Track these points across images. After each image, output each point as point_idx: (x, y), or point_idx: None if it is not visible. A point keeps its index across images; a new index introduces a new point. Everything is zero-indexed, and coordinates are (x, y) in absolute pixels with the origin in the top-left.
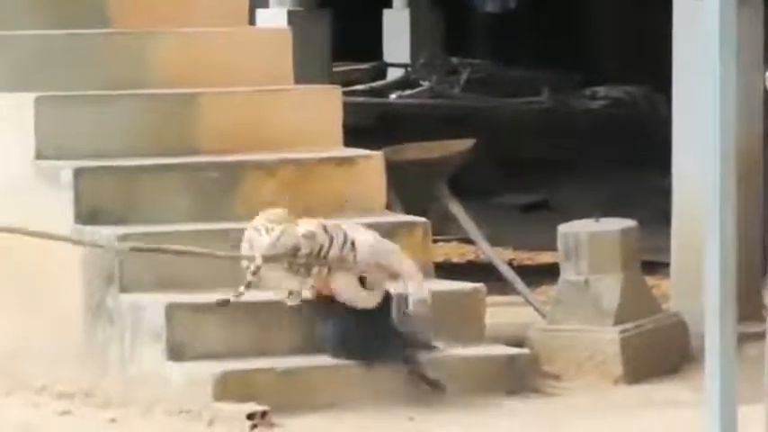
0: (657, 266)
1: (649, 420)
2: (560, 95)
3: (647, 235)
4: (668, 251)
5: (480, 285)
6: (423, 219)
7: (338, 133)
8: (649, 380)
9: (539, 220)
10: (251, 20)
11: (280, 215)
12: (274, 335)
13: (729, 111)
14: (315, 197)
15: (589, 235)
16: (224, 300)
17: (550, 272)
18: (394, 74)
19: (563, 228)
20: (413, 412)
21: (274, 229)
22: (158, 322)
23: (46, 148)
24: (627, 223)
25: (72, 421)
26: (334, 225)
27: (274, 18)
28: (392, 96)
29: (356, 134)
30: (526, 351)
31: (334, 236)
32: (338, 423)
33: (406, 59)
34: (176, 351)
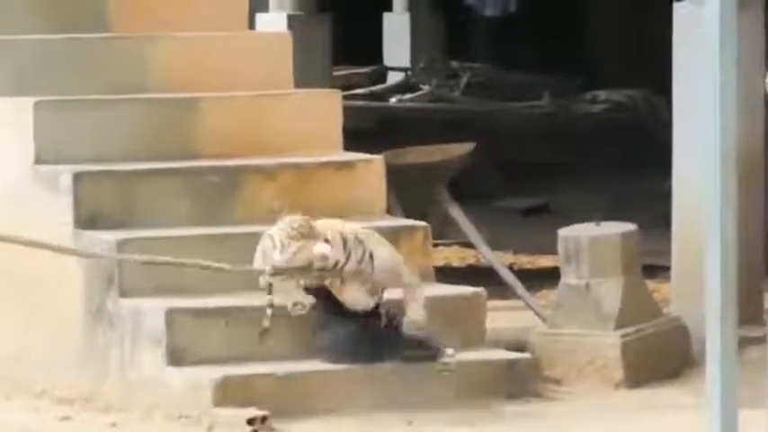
0: (658, 270)
1: (650, 424)
2: (561, 99)
3: (648, 238)
4: (669, 255)
5: (481, 289)
6: (423, 223)
7: (338, 137)
8: (650, 384)
9: (539, 224)
10: (251, 24)
11: (299, 227)
12: (274, 340)
13: (730, 114)
14: (315, 201)
15: (590, 239)
16: (263, 329)
17: (551, 276)
18: (394, 78)
19: (563, 231)
20: (412, 416)
21: (290, 246)
22: (158, 327)
23: (45, 153)
24: (627, 227)
25: (72, 426)
26: (353, 236)
27: (274, 22)
28: (392, 100)
29: (356, 138)
30: (527, 355)
31: (352, 250)
32: (338, 428)
33: (407, 63)
34: (176, 356)
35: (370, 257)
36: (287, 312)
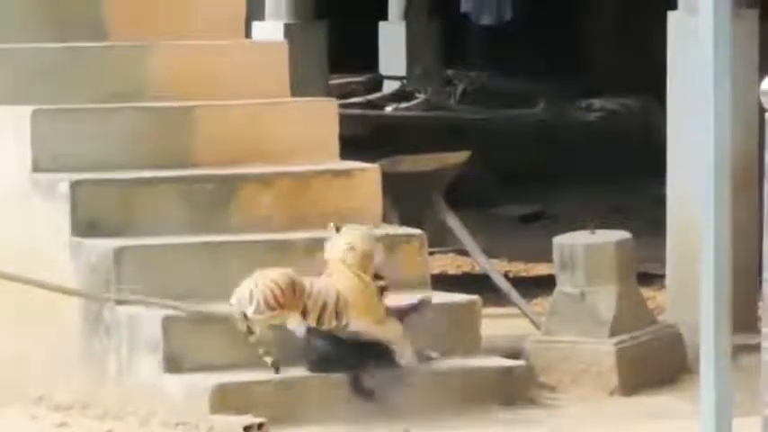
0: (653, 278)
1: (645, 431)
2: (556, 107)
3: (643, 246)
4: (664, 263)
5: (476, 297)
6: (419, 230)
7: (334, 146)
8: (645, 391)
9: (534, 232)
10: (247, 33)
11: (280, 292)
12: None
13: (724, 122)
14: (311, 209)
15: (585, 247)
16: (274, 364)
17: (546, 283)
18: (390, 86)
19: (559, 239)
20: (408, 424)
21: (264, 312)
22: (155, 334)
23: (43, 161)
24: (622, 235)
25: None
26: (334, 304)
27: (271, 31)
28: (388, 109)
29: (352, 146)
30: (522, 363)
31: (326, 321)
32: None
33: (403, 72)
34: (173, 363)
35: (344, 327)
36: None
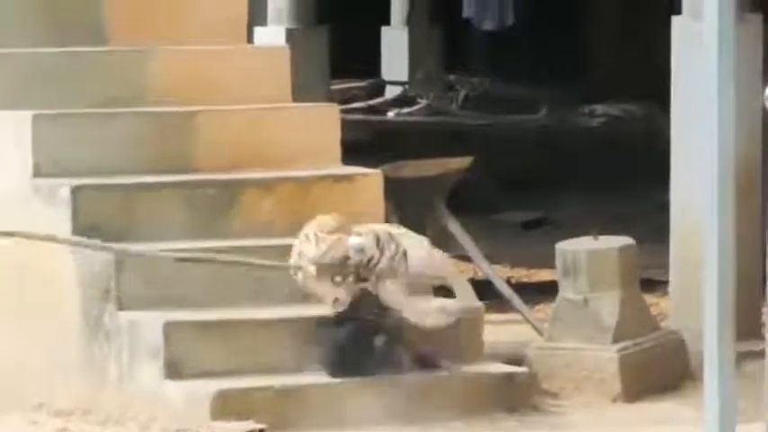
0: (657, 284)
1: None
2: (559, 113)
3: (646, 252)
4: (667, 269)
5: (478, 303)
6: (421, 236)
7: (336, 151)
8: (648, 398)
9: (537, 238)
10: (249, 37)
11: (332, 223)
12: (272, 353)
13: (728, 128)
14: (313, 215)
15: (588, 253)
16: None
17: (549, 289)
18: (392, 91)
19: (561, 245)
20: (410, 430)
21: (325, 240)
22: (156, 340)
23: (44, 166)
24: (625, 241)
25: None
26: (387, 235)
27: (272, 36)
28: (390, 114)
29: (354, 151)
30: (524, 369)
31: (385, 247)
32: None
33: (405, 77)
34: (174, 369)
35: (403, 255)
36: (284, 325)
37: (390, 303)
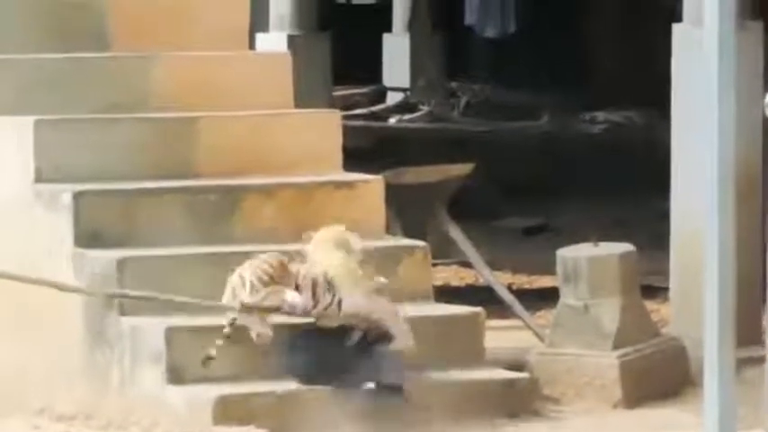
0: (657, 291)
1: None
2: (560, 120)
3: (647, 259)
4: (668, 275)
5: (479, 309)
6: (422, 242)
7: (338, 157)
8: (648, 404)
9: (538, 244)
10: (251, 44)
11: (270, 271)
12: (273, 358)
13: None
14: (314, 220)
15: (588, 259)
16: (207, 357)
17: (550, 296)
18: (394, 98)
19: (562, 252)
20: None
21: (260, 290)
22: (158, 345)
23: (46, 171)
24: (626, 248)
25: None
26: (325, 284)
27: (274, 42)
28: (392, 120)
29: (356, 158)
30: (525, 375)
31: (321, 296)
32: None
33: (406, 84)
34: (176, 374)
35: (338, 304)
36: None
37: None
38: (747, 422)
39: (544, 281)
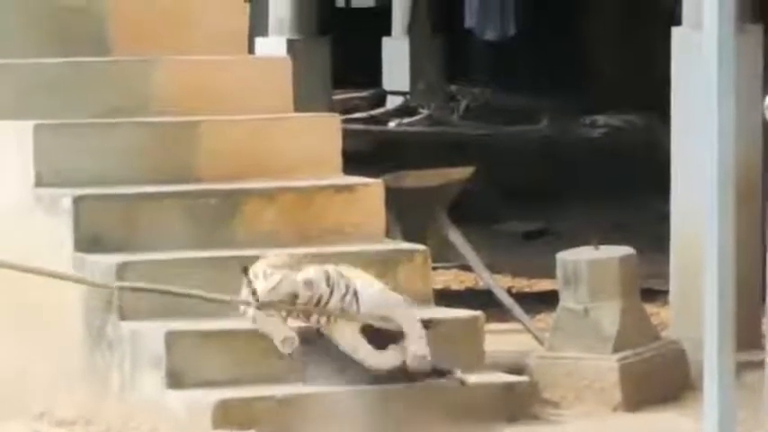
0: (657, 294)
1: None
2: (560, 123)
3: (647, 262)
4: (667, 278)
5: (479, 313)
6: (422, 246)
7: (338, 161)
8: (648, 408)
9: (538, 248)
10: (250, 48)
11: (283, 260)
12: (274, 362)
13: (728, 138)
14: (314, 224)
15: (588, 262)
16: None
17: (549, 299)
18: (393, 101)
19: (562, 255)
20: None
21: (273, 275)
22: (158, 350)
23: (46, 176)
24: (626, 251)
25: None
26: (338, 273)
27: (274, 46)
28: (391, 124)
29: (356, 161)
30: (525, 378)
31: (335, 285)
32: None
33: (406, 87)
34: (176, 378)
35: (354, 294)
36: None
37: (345, 347)
38: (747, 426)
39: (544, 284)
